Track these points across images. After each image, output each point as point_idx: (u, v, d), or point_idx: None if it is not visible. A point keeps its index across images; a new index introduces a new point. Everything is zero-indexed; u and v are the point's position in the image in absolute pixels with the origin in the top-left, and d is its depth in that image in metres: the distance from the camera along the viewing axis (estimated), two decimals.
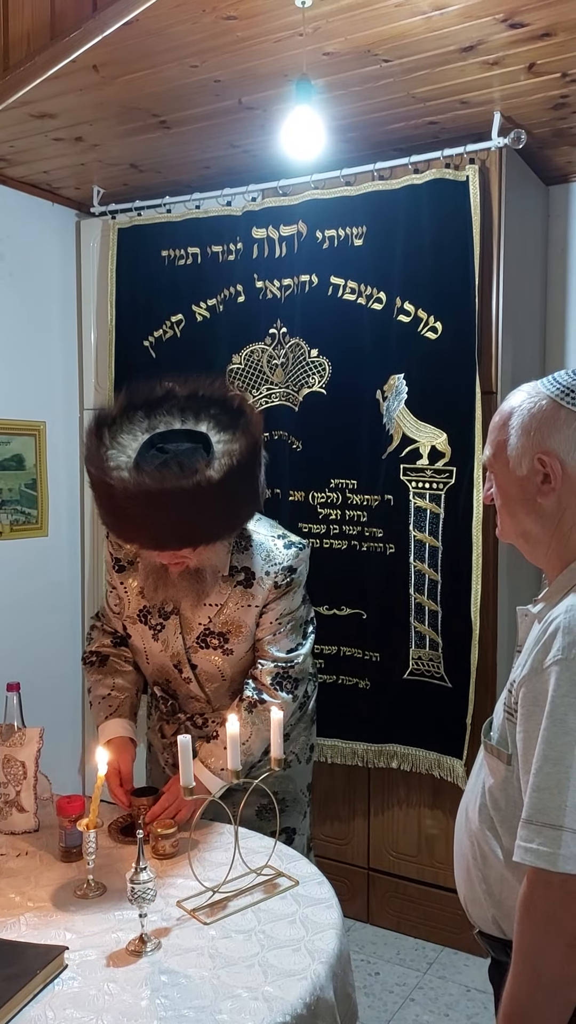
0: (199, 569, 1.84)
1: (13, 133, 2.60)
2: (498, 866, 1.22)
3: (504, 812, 1.21)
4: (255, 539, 1.95)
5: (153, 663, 2.02)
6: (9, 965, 1.33)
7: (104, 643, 2.10)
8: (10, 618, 3.11)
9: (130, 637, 2.05)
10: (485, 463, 1.30)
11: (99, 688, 2.05)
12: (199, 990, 1.32)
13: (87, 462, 1.75)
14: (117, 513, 1.74)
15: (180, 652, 1.96)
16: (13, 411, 3.11)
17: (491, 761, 1.25)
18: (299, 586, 1.99)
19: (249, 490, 1.80)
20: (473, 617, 2.50)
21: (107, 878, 1.66)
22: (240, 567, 1.92)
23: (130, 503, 1.68)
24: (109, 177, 3.04)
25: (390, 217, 2.60)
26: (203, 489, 1.66)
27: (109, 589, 2.08)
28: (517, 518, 1.26)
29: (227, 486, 1.70)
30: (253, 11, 1.93)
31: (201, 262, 2.96)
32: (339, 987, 1.41)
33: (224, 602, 1.92)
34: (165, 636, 1.97)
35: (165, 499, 1.65)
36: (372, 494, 2.69)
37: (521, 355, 2.72)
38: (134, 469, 1.70)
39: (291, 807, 2.09)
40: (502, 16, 1.94)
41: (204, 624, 1.94)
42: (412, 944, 2.74)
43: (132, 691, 2.07)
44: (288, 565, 1.93)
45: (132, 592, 2.00)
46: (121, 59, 2.13)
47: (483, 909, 1.26)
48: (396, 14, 1.93)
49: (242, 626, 1.93)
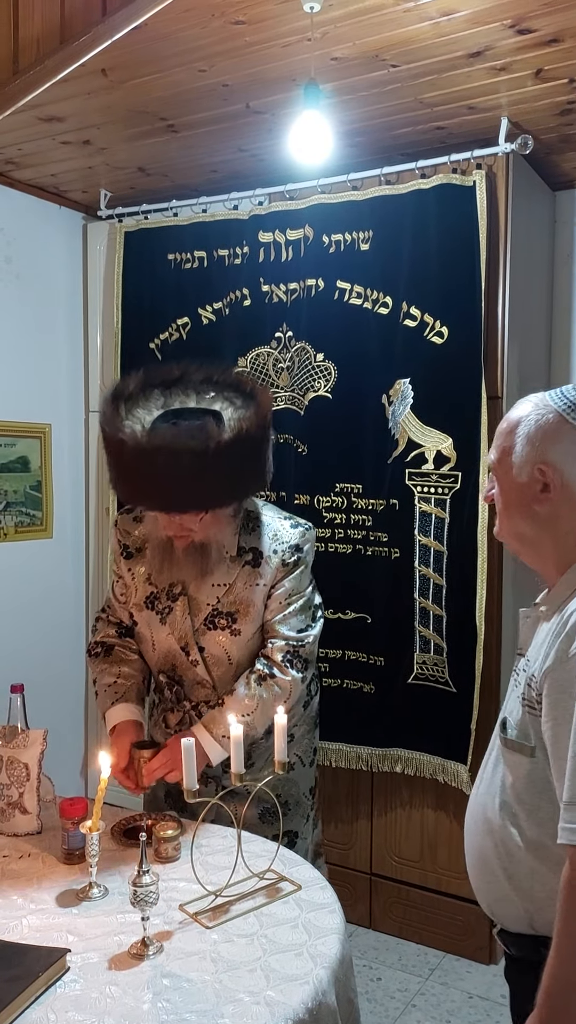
0: (204, 544, 1.88)
1: (21, 136, 2.61)
2: (527, 860, 1.24)
3: (529, 804, 1.23)
4: (263, 520, 1.99)
5: (159, 649, 2.02)
6: (11, 967, 1.33)
7: (109, 633, 2.12)
8: (14, 620, 3.12)
9: (136, 625, 2.05)
10: (489, 465, 1.38)
11: (105, 676, 2.06)
12: (201, 994, 1.32)
13: (102, 424, 1.80)
14: (128, 473, 1.79)
15: (188, 634, 1.96)
16: (19, 413, 3.12)
17: (512, 757, 1.27)
18: (306, 566, 2.02)
19: (257, 462, 1.83)
20: (478, 622, 2.49)
21: (109, 881, 1.66)
22: (248, 547, 1.96)
23: (141, 461, 1.72)
24: (116, 180, 3.05)
25: (397, 222, 2.61)
26: (212, 450, 1.70)
27: (115, 579, 2.10)
28: (513, 520, 1.34)
29: (235, 452, 1.74)
30: (262, 16, 1.93)
31: (207, 266, 2.97)
32: (341, 992, 1.40)
33: (232, 582, 1.94)
34: (173, 619, 1.98)
35: (175, 457, 1.69)
36: (377, 498, 2.69)
37: (527, 360, 2.72)
38: (147, 432, 1.76)
39: (293, 810, 2.09)
40: (510, 22, 1.94)
41: (212, 604, 1.96)
42: (414, 950, 2.73)
43: (138, 678, 2.07)
44: (295, 543, 1.97)
45: (139, 579, 2.03)
46: (129, 63, 2.14)
47: (512, 906, 1.27)
48: (404, 19, 1.94)
49: (250, 606, 1.95)
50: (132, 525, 2.06)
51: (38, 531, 3.22)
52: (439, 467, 2.56)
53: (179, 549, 1.90)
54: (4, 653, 3.06)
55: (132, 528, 2.06)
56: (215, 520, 1.87)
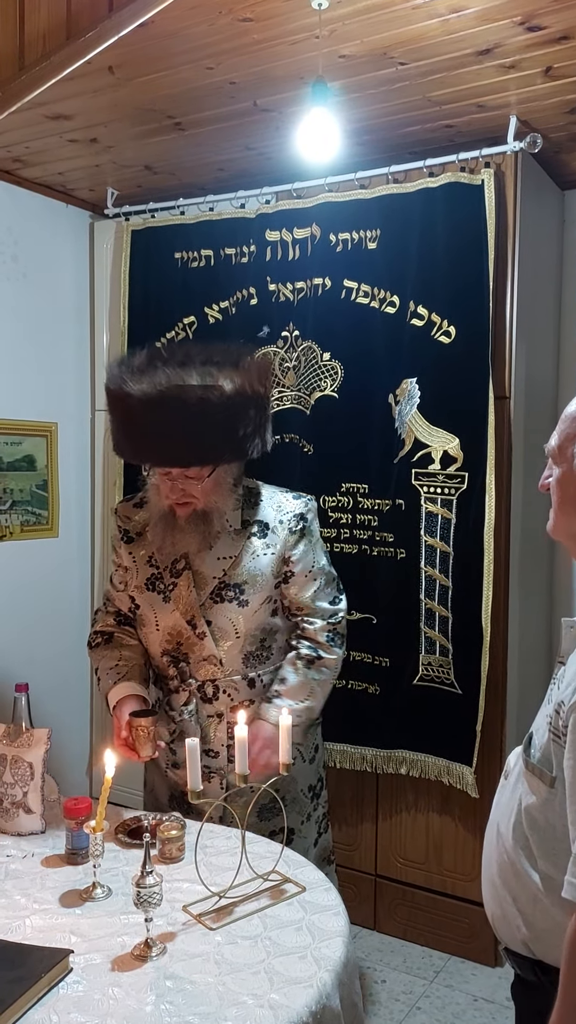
0: (206, 513, 1.93)
1: (28, 134, 2.60)
2: (532, 887, 1.19)
3: (543, 834, 1.18)
4: (264, 493, 2.07)
5: (164, 626, 2.02)
6: (14, 968, 1.33)
7: (108, 623, 2.15)
8: (19, 618, 3.11)
9: (138, 609, 2.07)
10: (548, 452, 1.24)
11: (106, 661, 2.08)
12: (204, 996, 1.31)
13: (107, 384, 1.88)
14: (130, 427, 1.86)
15: (194, 607, 1.98)
16: (25, 412, 3.12)
17: (532, 781, 1.21)
18: (314, 536, 2.08)
19: (258, 421, 1.90)
20: (484, 623, 2.48)
21: (113, 881, 1.65)
22: (252, 520, 2.02)
23: (144, 410, 1.79)
24: (123, 179, 3.04)
25: (404, 220, 2.60)
26: (214, 400, 1.78)
27: (114, 568, 2.13)
28: (572, 519, 1.21)
29: (236, 404, 1.82)
30: (269, 13, 1.92)
31: (214, 264, 2.96)
32: (345, 995, 1.40)
33: (238, 554, 1.99)
34: (177, 594, 2.00)
35: (178, 404, 1.77)
36: (383, 498, 2.68)
37: (535, 360, 2.71)
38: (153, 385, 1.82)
39: (290, 806, 2.08)
40: (520, 19, 1.93)
41: (219, 577, 1.98)
42: (419, 952, 2.72)
43: (140, 661, 2.10)
44: (299, 512, 2.05)
45: (141, 561, 2.05)
46: (136, 60, 2.14)
47: (512, 929, 1.24)
48: (413, 17, 1.92)
49: (257, 576, 1.99)
50: (133, 511, 2.10)
51: (44, 530, 3.21)
52: (446, 467, 2.55)
53: (182, 518, 1.93)
54: (9, 652, 3.06)
55: (132, 514, 2.10)
56: (216, 487, 1.92)
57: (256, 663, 2.02)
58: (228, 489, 1.97)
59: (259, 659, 2.03)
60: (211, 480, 1.91)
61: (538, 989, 1.17)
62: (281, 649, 2.07)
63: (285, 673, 2.03)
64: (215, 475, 1.91)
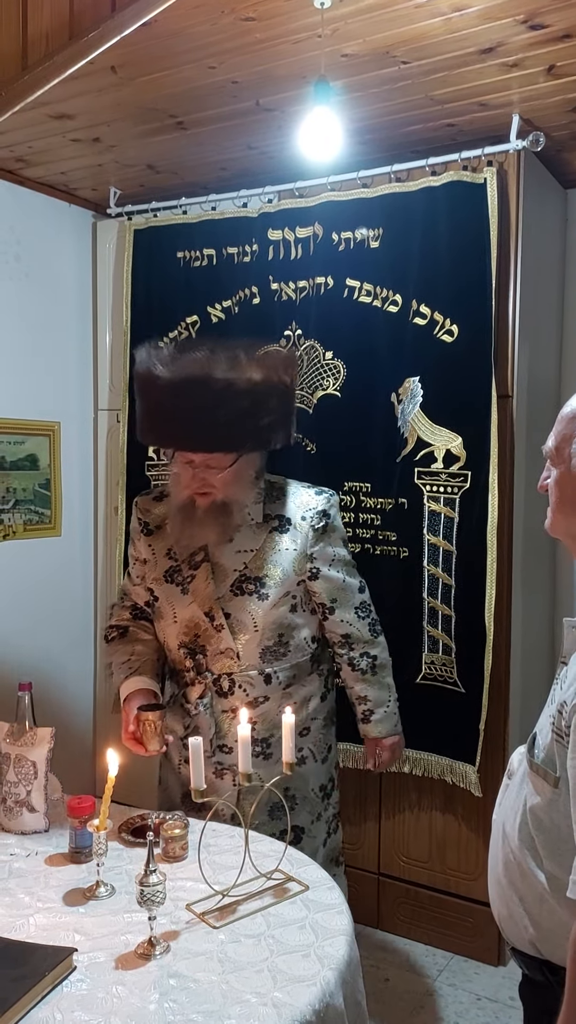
0: (226, 504, 1.94)
1: (31, 134, 2.61)
2: (538, 887, 1.19)
3: (549, 834, 1.18)
4: (287, 490, 2.09)
5: (181, 618, 2.03)
6: (18, 966, 1.33)
7: (124, 616, 2.17)
8: (22, 617, 3.12)
9: (157, 600, 2.08)
10: (545, 453, 1.26)
11: (119, 656, 2.10)
12: (208, 994, 1.31)
13: (136, 368, 1.92)
14: (156, 411, 1.89)
15: (211, 599, 1.99)
16: (28, 411, 3.12)
17: (536, 781, 1.21)
18: (337, 532, 2.11)
19: (283, 412, 1.93)
20: (487, 622, 2.48)
21: (116, 880, 1.66)
22: (274, 515, 2.04)
23: (171, 394, 1.83)
24: (126, 178, 3.04)
25: (407, 219, 2.59)
26: (239, 386, 1.81)
27: (132, 562, 2.16)
28: (569, 518, 1.22)
29: (260, 393, 1.85)
30: (272, 12, 1.92)
31: (216, 263, 2.96)
32: (349, 994, 1.40)
33: (259, 547, 2.01)
34: (195, 585, 2.01)
35: (203, 389, 1.80)
36: (386, 497, 2.68)
37: (538, 358, 2.71)
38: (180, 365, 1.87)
39: (300, 805, 2.08)
40: (522, 17, 1.92)
41: (239, 570, 2.00)
42: (422, 950, 2.72)
43: (153, 656, 2.11)
44: (322, 509, 2.06)
45: (160, 553, 2.08)
46: (139, 60, 2.14)
47: (519, 929, 1.24)
48: (415, 15, 1.92)
49: (279, 570, 2.00)
50: (153, 504, 2.13)
51: (47, 529, 3.22)
52: (448, 466, 2.55)
53: (200, 509, 1.94)
54: (12, 651, 3.06)
55: (153, 507, 2.12)
56: (237, 478, 1.93)
57: (273, 659, 2.03)
58: (249, 481, 1.98)
59: (276, 655, 2.03)
60: (232, 471, 1.92)
61: (546, 989, 1.17)
62: (299, 647, 2.07)
63: (361, 691, 2.13)
64: (236, 466, 1.93)
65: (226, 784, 2.02)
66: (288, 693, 2.06)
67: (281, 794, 1.87)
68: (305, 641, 2.09)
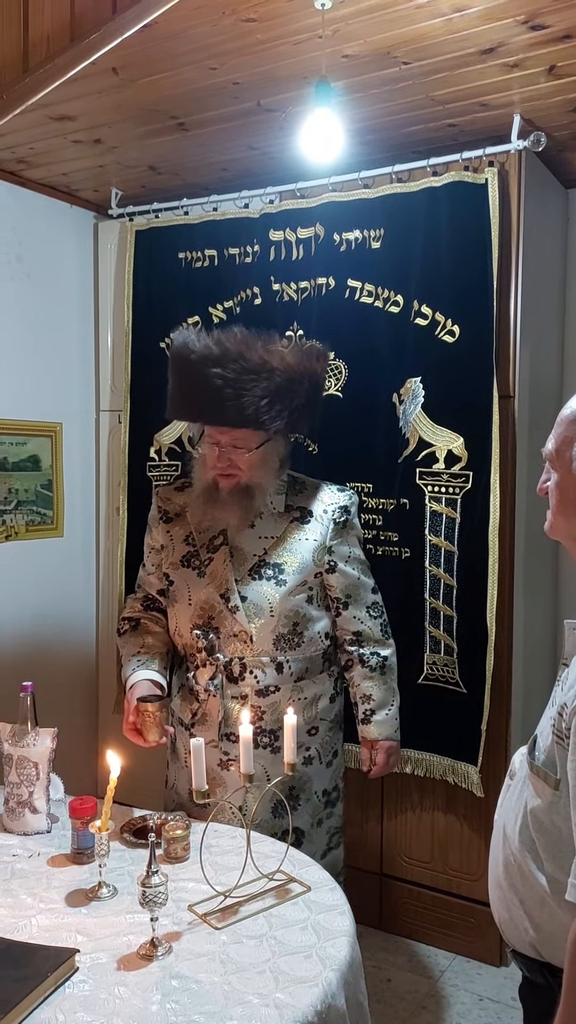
0: (249, 487, 1.99)
1: (33, 135, 2.61)
2: (538, 889, 1.19)
3: (549, 836, 1.18)
4: (309, 484, 2.16)
5: (196, 601, 2.05)
6: (20, 967, 1.33)
7: (136, 608, 2.21)
8: (24, 618, 3.12)
9: (172, 584, 2.11)
10: (545, 456, 1.26)
11: (129, 648, 2.14)
12: (210, 996, 1.31)
13: (172, 343, 2.00)
14: (189, 384, 1.94)
15: (229, 580, 2.01)
16: (29, 412, 3.12)
17: (536, 783, 1.21)
18: (355, 530, 2.15)
19: (310, 399, 1.98)
20: (489, 623, 2.48)
21: (118, 881, 1.66)
22: (296, 506, 2.10)
23: (205, 365, 1.88)
24: (127, 179, 3.04)
25: (408, 219, 2.59)
26: (274, 364, 1.88)
27: (147, 551, 2.20)
28: (571, 521, 1.22)
29: (294, 374, 1.91)
30: (273, 13, 1.92)
31: (218, 264, 2.96)
32: (351, 995, 1.40)
33: (281, 534, 2.06)
34: (213, 568, 2.04)
35: (239, 365, 1.87)
36: (388, 498, 2.68)
37: (539, 359, 2.70)
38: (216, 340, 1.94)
39: (302, 807, 2.08)
40: (523, 18, 1.92)
41: (259, 555, 2.04)
42: (424, 951, 2.72)
43: (162, 650, 2.14)
44: (343, 504, 2.13)
45: (178, 540, 2.12)
46: (140, 62, 2.14)
47: (520, 931, 1.24)
48: (416, 16, 1.92)
49: (298, 558, 2.05)
50: (174, 494, 2.18)
51: (49, 530, 3.22)
52: (450, 466, 2.55)
53: (224, 491, 1.99)
54: (14, 652, 3.07)
55: (174, 496, 2.18)
56: (262, 462, 1.99)
57: (286, 647, 2.04)
58: (273, 468, 2.03)
59: (290, 644, 2.04)
60: (258, 453, 1.97)
61: (547, 991, 1.16)
62: (312, 640, 2.08)
63: (367, 689, 2.13)
64: (263, 449, 1.98)
65: (232, 775, 2.02)
66: (299, 687, 2.06)
67: (285, 793, 1.87)
68: (319, 635, 2.10)
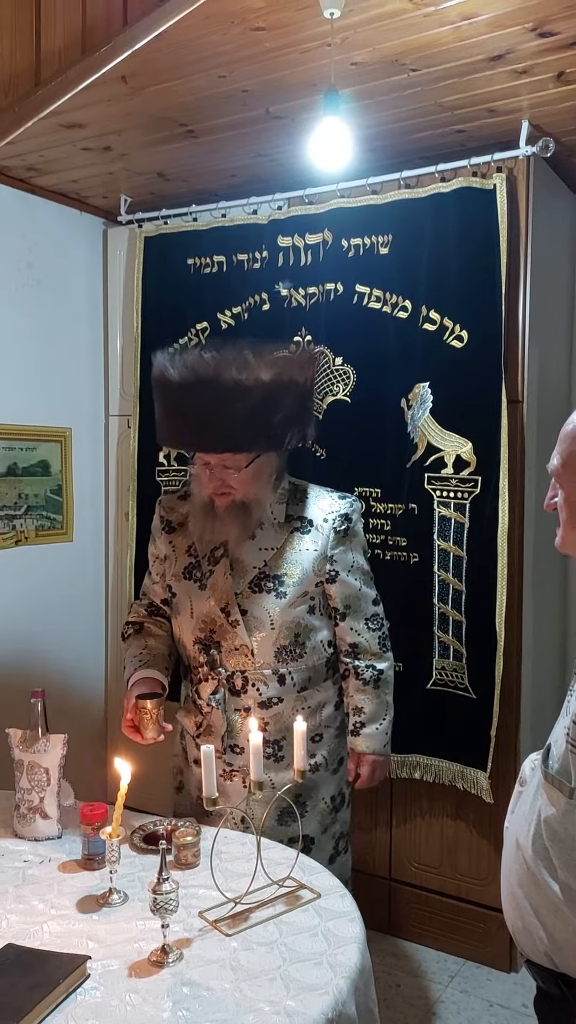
0: (245, 503, 1.97)
1: (43, 143, 2.62)
2: (552, 898, 1.19)
3: (563, 845, 1.18)
4: (310, 492, 2.13)
5: (198, 613, 2.05)
6: (32, 974, 1.34)
7: (140, 612, 2.22)
8: (35, 623, 3.14)
9: (175, 596, 2.11)
10: (551, 472, 1.27)
11: (132, 650, 2.14)
12: (221, 1003, 1.32)
13: (153, 369, 1.97)
14: (171, 412, 1.94)
15: (229, 594, 2.01)
16: (39, 417, 3.14)
17: (550, 792, 1.21)
18: (357, 536, 2.13)
19: (297, 410, 1.94)
20: (498, 628, 2.47)
21: (129, 887, 1.67)
22: (296, 516, 2.07)
23: (183, 395, 1.88)
24: (136, 186, 3.06)
25: (416, 225, 2.60)
26: (248, 385, 1.84)
27: (151, 560, 2.20)
28: None
29: (272, 391, 1.87)
30: (282, 22, 1.93)
31: (226, 270, 2.97)
32: (361, 1002, 1.40)
33: (280, 546, 2.03)
34: (214, 581, 2.04)
35: (213, 390, 1.83)
36: (396, 503, 2.68)
37: (548, 364, 2.70)
38: (190, 365, 1.91)
39: (310, 814, 2.08)
40: (531, 25, 1.93)
41: (259, 567, 2.02)
42: (434, 956, 2.71)
43: (165, 651, 2.15)
44: (344, 512, 2.10)
45: (180, 550, 2.12)
46: (150, 70, 2.15)
47: (534, 940, 1.23)
48: (424, 24, 1.93)
49: (298, 569, 2.03)
50: (177, 503, 2.18)
51: (58, 534, 3.23)
52: (459, 472, 2.55)
53: (220, 508, 1.98)
54: (25, 657, 3.08)
55: (177, 506, 2.17)
56: (255, 478, 1.97)
57: (288, 659, 2.03)
58: (268, 481, 2.01)
59: (291, 655, 2.04)
60: (249, 471, 1.95)
61: (562, 1003, 1.16)
62: (315, 650, 2.08)
63: (359, 702, 2.11)
64: (254, 466, 1.95)
65: (235, 786, 2.03)
66: (303, 697, 2.06)
67: (292, 800, 1.87)
68: (322, 644, 2.10)
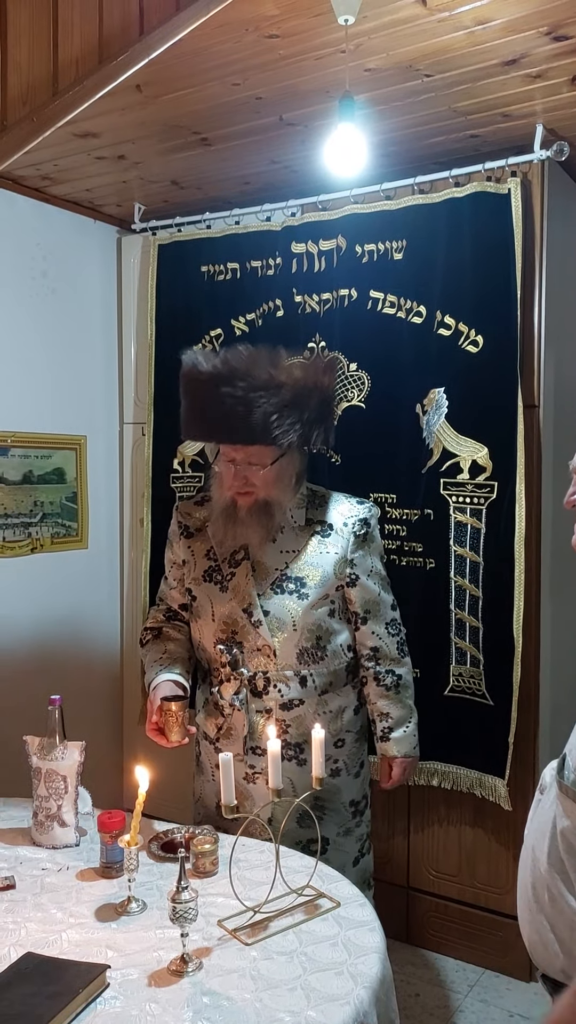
0: (268, 504, 1.98)
1: (57, 152, 2.64)
2: (569, 913, 1.17)
3: None
4: (329, 497, 2.14)
5: (219, 615, 2.06)
6: (52, 983, 1.33)
7: (157, 618, 2.23)
8: (50, 631, 3.14)
9: (195, 600, 2.12)
10: (572, 469, 1.27)
11: (152, 654, 2.15)
12: (242, 1013, 1.31)
13: (182, 365, 1.99)
14: (200, 405, 1.95)
15: (251, 595, 2.02)
16: (55, 425, 3.15)
17: (566, 803, 1.19)
18: (375, 541, 2.16)
19: (320, 410, 1.97)
20: (515, 634, 2.46)
21: (147, 895, 1.66)
22: (316, 520, 2.09)
23: (214, 385, 1.88)
24: (150, 194, 3.07)
25: (430, 231, 2.59)
26: (281, 379, 1.88)
27: (168, 566, 2.21)
28: None
29: (301, 389, 1.91)
30: (295, 30, 1.93)
31: (240, 277, 2.98)
32: (382, 1013, 1.39)
33: (302, 548, 2.05)
34: (235, 583, 2.04)
35: (246, 382, 1.86)
36: (412, 508, 2.67)
37: (564, 368, 2.69)
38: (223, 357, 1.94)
39: (328, 817, 2.07)
40: (546, 29, 1.92)
41: (281, 569, 2.03)
42: (453, 965, 2.69)
43: (184, 655, 2.15)
44: (363, 517, 2.12)
45: (199, 555, 2.12)
46: (164, 79, 2.16)
47: (551, 955, 1.21)
48: (438, 30, 1.93)
49: (319, 571, 2.04)
50: (194, 508, 2.18)
51: (74, 542, 3.24)
52: (474, 477, 2.54)
53: (242, 509, 1.99)
54: (41, 664, 3.09)
55: (194, 511, 2.18)
56: (278, 479, 1.98)
57: (310, 661, 2.04)
58: (290, 483, 2.03)
59: (313, 657, 2.04)
60: (273, 469, 1.97)
61: None
62: (336, 653, 2.08)
63: (384, 707, 2.13)
64: (278, 465, 1.97)
65: (258, 789, 2.02)
66: (324, 700, 2.06)
67: (311, 804, 1.86)
68: (342, 648, 2.10)
